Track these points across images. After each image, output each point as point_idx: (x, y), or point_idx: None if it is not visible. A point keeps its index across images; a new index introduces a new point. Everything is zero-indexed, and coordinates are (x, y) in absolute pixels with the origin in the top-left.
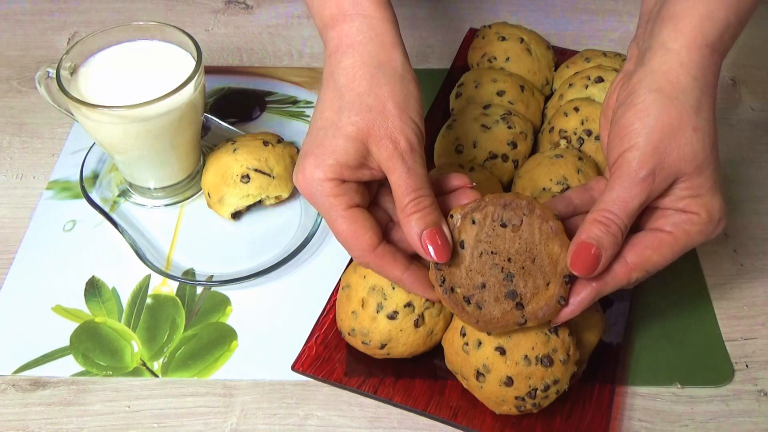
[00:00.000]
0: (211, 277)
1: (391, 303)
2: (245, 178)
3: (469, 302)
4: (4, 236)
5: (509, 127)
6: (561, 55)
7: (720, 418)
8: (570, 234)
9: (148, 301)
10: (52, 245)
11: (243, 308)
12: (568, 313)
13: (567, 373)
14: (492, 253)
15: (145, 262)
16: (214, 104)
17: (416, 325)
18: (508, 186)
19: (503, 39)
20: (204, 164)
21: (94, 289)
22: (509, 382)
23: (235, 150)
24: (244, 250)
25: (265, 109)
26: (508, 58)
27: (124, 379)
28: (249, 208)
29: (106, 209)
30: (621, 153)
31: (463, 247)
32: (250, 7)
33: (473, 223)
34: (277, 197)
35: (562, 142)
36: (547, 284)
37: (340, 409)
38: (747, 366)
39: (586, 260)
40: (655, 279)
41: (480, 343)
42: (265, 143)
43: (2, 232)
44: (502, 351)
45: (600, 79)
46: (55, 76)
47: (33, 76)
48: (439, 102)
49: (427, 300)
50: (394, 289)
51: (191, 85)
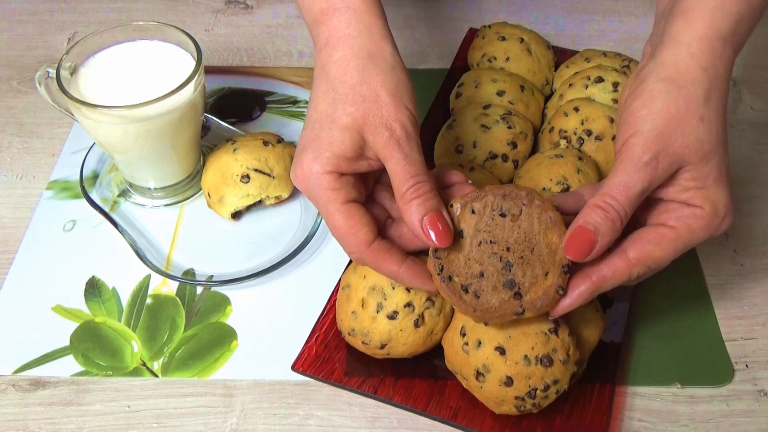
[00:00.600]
0: (211, 277)
1: (391, 303)
2: (245, 178)
3: (466, 291)
4: (4, 236)
5: (509, 127)
6: (561, 55)
7: (720, 418)
8: None
9: (148, 301)
10: (52, 245)
11: (243, 308)
12: (566, 305)
13: (567, 373)
14: (491, 242)
15: (145, 262)
16: (214, 104)
17: (416, 325)
18: None
19: (503, 39)
20: (204, 164)
21: (94, 289)
22: (509, 382)
23: (235, 150)
24: (244, 250)
25: (265, 109)
26: (508, 58)
27: (124, 379)
28: (249, 208)
29: (106, 209)
30: (626, 139)
31: (462, 237)
32: (250, 7)
33: (472, 212)
34: (277, 197)
35: (562, 142)
36: (546, 274)
37: (340, 409)
38: (747, 366)
39: (581, 244)
40: (656, 279)
41: (480, 343)
42: (265, 143)
43: (2, 232)
44: (502, 351)
45: (600, 79)
46: (55, 76)
47: (33, 76)
48: (439, 102)
49: (427, 300)
50: (394, 289)
51: (191, 85)
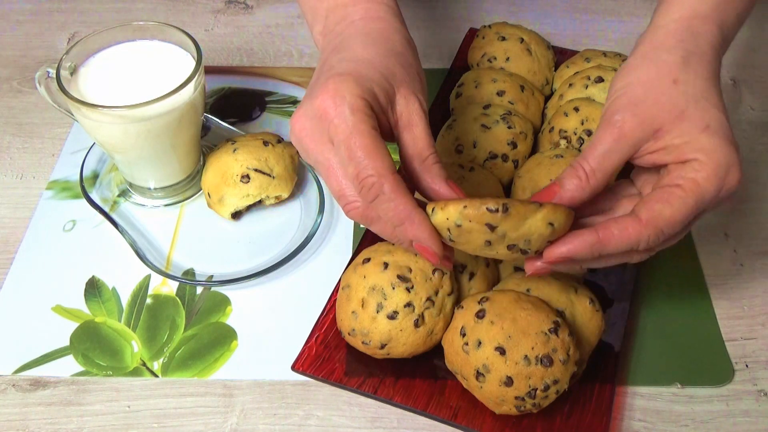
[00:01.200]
0: (211, 277)
1: (391, 303)
2: (245, 178)
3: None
4: (4, 236)
5: (509, 127)
6: (561, 55)
7: (720, 418)
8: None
9: (148, 301)
10: (52, 245)
11: (243, 308)
12: (562, 250)
13: (567, 373)
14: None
15: (145, 262)
16: (214, 104)
17: (416, 325)
18: (508, 186)
19: (503, 39)
20: (204, 164)
21: (94, 289)
22: (509, 382)
23: (235, 150)
24: (244, 250)
25: (265, 109)
26: (508, 58)
27: (124, 379)
28: (249, 208)
29: (106, 209)
30: (603, 112)
31: None
32: (250, 7)
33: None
34: (277, 197)
35: (562, 142)
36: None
37: (340, 409)
38: (747, 366)
39: (545, 192)
40: (656, 279)
41: (480, 343)
42: (265, 143)
43: (2, 232)
44: (502, 351)
45: (600, 79)
46: (55, 76)
47: (33, 76)
48: (439, 102)
49: (427, 300)
50: (394, 289)
51: (191, 85)
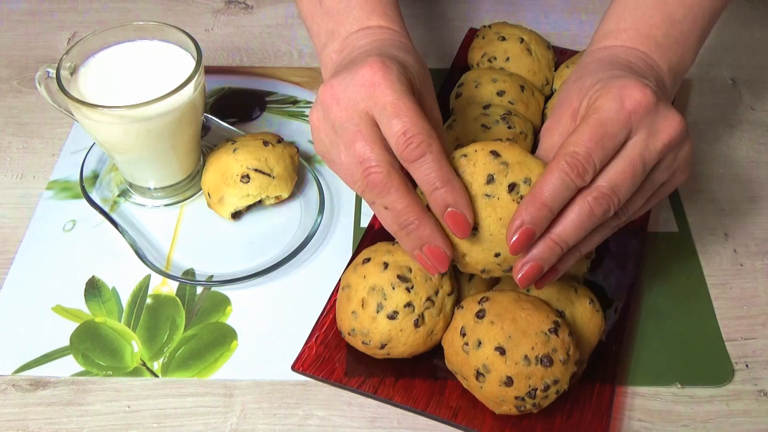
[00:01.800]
0: (211, 277)
1: (391, 303)
2: (245, 178)
3: None
4: (4, 236)
5: (509, 127)
6: (561, 55)
7: (720, 418)
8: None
9: (148, 301)
10: (52, 245)
11: (243, 308)
12: (516, 225)
13: (567, 373)
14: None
15: (145, 262)
16: (214, 104)
17: (416, 325)
18: None
19: (503, 39)
20: (204, 164)
21: (94, 289)
22: (509, 382)
23: (235, 150)
24: (244, 250)
25: (265, 109)
26: (508, 58)
27: (124, 379)
28: (249, 208)
29: (106, 209)
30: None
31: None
32: (250, 7)
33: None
34: (277, 197)
35: None
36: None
37: (340, 409)
38: (747, 366)
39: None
40: (656, 279)
41: (480, 343)
42: (265, 143)
43: (2, 232)
44: (502, 351)
45: None
46: (55, 76)
47: (33, 76)
48: (439, 102)
49: (427, 300)
50: (394, 289)
51: (191, 85)
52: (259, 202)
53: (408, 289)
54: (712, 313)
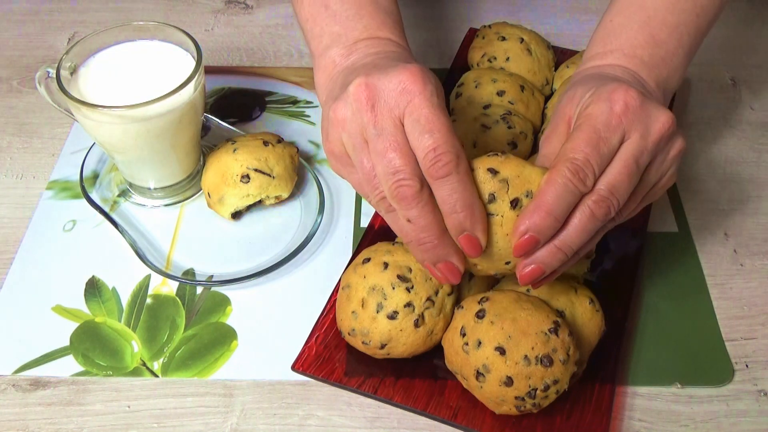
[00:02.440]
0: (211, 277)
1: (391, 303)
2: (245, 178)
3: None
4: (4, 236)
5: (509, 127)
6: (561, 55)
7: (720, 418)
8: None
9: (148, 301)
10: (52, 245)
11: (243, 308)
12: (521, 230)
13: (567, 373)
14: None
15: (145, 262)
16: (214, 104)
17: (416, 325)
18: None
19: (503, 39)
20: (204, 164)
21: (94, 289)
22: (509, 382)
23: (235, 150)
24: (244, 250)
25: (265, 109)
26: (508, 58)
27: (124, 379)
28: (249, 208)
29: (106, 209)
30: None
31: None
32: (250, 7)
33: None
34: (277, 197)
35: None
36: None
37: (340, 409)
38: (747, 366)
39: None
40: (656, 279)
41: (480, 343)
42: (265, 143)
43: (2, 232)
44: (502, 351)
45: None
46: (55, 76)
47: (33, 76)
48: None
49: (427, 300)
50: (394, 289)
51: (191, 85)
52: (259, 202)
53: (408, 289)
54: (712, 313)
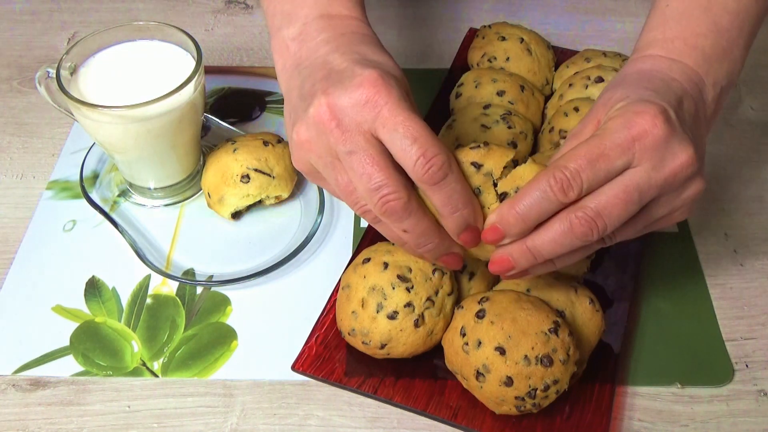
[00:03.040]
0: (211, 277)
1: (391, 303)
2: (245, 178)
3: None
4: (4, 236)
5: (509, 127)
6: (561, 55)
7: (720, 418)
8: None
9: (148, 301)
10: (52, 245)
11: (243, 308)
12: (490, 221)
13: (567, 373)
14: None
15: (145, 262)
16: (214, 104)
17: (416, 325)
18: None
19: (503, 39)
20: (204, 164)
21: (94, 289)
22: (509, 382)
23: (235, 150)
24: (244, 250)
25: (265, 109)
26: (508, 58)
27: (124, 379)
28: (249, 208)
29: (106, 209)
30: None
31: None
32: (250, 7)
33: None
34: (277, 197)
35: (562, 143)
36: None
37: (340, 409)
38: (747, 366)
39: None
40: (656, 279)
41: (480, 343)
42: (265, 143)
43: (2, 232)
44: (502, 351)
45: (600, 79)
46: (55, 76)
47: (33, 76)
48: (439, 102)
49: (427, 300)
50: (394, 289)
51: (191, 85)
52: (259, 202)
53: (408, 289)
54: (712, 313)
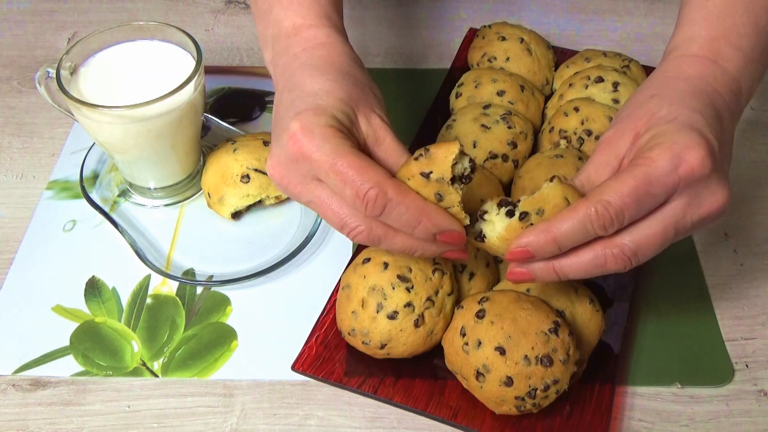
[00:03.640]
0: (211, 277)
1: (391, 303)
2: (245, 178)
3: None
4: (4, 236)
5: (509, 127)
6: (561, 55)
7: (720, 418)
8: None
9: (148, 301)
10: (52, 245)
11: (243, 308)
12: (518, 243)
13: (567, 373)
14: None
15: (145, 262)
16: (214, 104)
17: (416, 325)
18: (508, 186)
19: (503, 39)
20: (204, 164)
21: (94, 289)
22: (509, 382)
23: (235, 150)
24: (244, 250)
25: (265, 109)
26: (508, 58)
27: (124, 379)
28: (249, 208)
29: (106, 209)
30: None
31: None
32: (250, 7)
33: None
34: (277, 197)
35: (562, 142)
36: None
37: (340, 409)
38: (747, 366)
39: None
40: (656, 279)
41: (480, 343)
42: (265, 143)
43: (2, 232)
44: (502, 351)
45: (600, 79)
46: (55, 76)
47: (33, 76)
48: (439, 102)
49: (428, 300)
50: (394, 289)
51: (191, 85)
52: (259, 202)
53: (408, 289)
54: (712, 313)
